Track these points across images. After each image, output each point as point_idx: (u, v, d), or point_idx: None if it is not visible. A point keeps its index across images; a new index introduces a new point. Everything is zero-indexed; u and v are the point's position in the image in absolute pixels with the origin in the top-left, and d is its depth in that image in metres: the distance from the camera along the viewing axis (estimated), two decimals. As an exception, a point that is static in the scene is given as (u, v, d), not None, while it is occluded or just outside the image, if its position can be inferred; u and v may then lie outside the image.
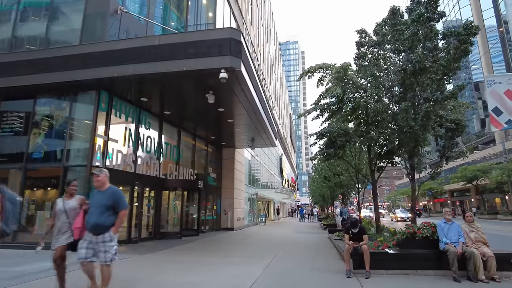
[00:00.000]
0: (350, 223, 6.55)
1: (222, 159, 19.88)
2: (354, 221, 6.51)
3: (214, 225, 18.29)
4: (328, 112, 11.70)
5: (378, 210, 10.87)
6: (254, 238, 14.82)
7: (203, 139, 17.52)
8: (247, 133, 16.46)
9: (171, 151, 14.41)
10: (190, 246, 11.16)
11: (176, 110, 13.17)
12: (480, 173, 37.16)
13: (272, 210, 40.91)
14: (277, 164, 47.23)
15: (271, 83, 43.56)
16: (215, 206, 18.59)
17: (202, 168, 17.61)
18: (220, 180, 19.49)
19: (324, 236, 15.56)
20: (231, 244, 12.08)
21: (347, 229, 6.67)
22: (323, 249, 10.63)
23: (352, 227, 6.53)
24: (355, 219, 6.58)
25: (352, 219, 6.54)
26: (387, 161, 11.19)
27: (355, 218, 6.74)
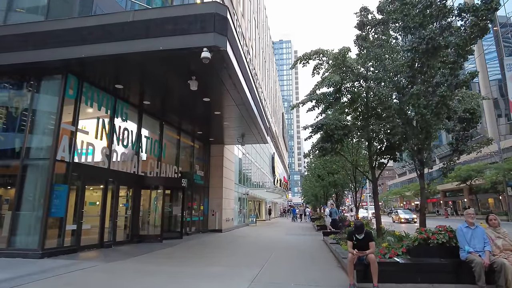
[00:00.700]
0: (354, 228, 5.45)
1: (210, 156, 18.67)
2: (359, 226, 5.41)
3: (201, 226, 17.07)
4: (324, 103, 10.67)
5: (379, 211, 9.85)
6: (242, 241, 13.67)
7: (189, 134, 16.29)
8: (237, 127, 15.30)
9: (152, 146, 13.16)
10: (169, 251, 9.95)
11: (157, 100, 11.94)
12: (475, 173, 36.67)
13: (264, 210, 39.81)
14: (269, 163, 46.14)
15: (264, 80, 42.45)
16: (202, 206, 17.38)
17: (187, 166, 16.38)
18: (208, 179, 18.27)
19: (318, 238, 14.50)
20: (216, 249, 10.91)
21: (350, 235, 5.57)
22: (318, 255, 9.54)
23: (356, 232, 5.43)
24: (361, 223, 5.48)
25: (357, 223, 5.44)
26: (389, 157, 10.17)
27: (360, 222, 5.63)
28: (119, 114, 11.26)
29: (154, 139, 13.36)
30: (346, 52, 9.73)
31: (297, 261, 8.35)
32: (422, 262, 5.55)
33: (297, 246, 11.85)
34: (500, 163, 31.40)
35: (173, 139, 15.14)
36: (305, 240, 13.85)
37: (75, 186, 9.30)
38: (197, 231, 16.62)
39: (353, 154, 12.19)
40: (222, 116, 13.31)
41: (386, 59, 7.93)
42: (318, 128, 9.79)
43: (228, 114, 13.17)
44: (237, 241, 13.66)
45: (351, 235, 5.52)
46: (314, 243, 12.77)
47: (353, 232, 5.49)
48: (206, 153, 18.38)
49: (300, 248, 11.09)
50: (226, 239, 14.44)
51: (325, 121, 9.61)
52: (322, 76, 10.71)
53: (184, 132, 15.75)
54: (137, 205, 12.02)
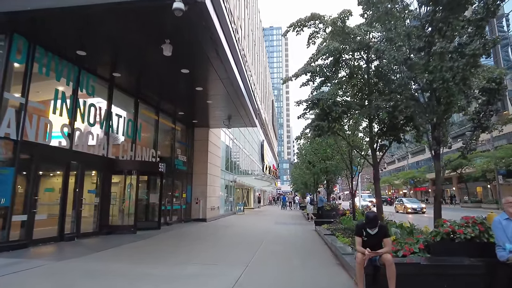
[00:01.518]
0: (366, 221, 4.20)
1: (193, 140, 17.23)
2: (372, 218, 4.15)
3: (183, 215, 15.77)
4: (320, 76, 9.35)
5: (380, 199, 8.71)
6: (227, 231, 12.46)
7: (169, 114, 14.78)
8: (223, 108, 13.88)
9: (125, 127, 11.66)
10: (141, 244, 8.63)
11: (129, 72, 10.40)
12: (466, 162, 36.27)
13: (252, 198, 38.76)
14: (259, 151, 44.93)
15: (253, 64, 40.77)
16: (185, 194, 16.04)
17: (167, 150, 14.93)
18: (191, 164, 16.88)
19: (309, 228, 13.41)
20: (195, 241, 9.65)
21: (359, 230, 4.32)
22: (312, 249, 8.39)
23: (368, 226, 4.19)
24: (374, 214, 4.21)
25: (370, 215, 4.17)
26: (392, 138, 8.98)
27: (373, 213, 4.35)
28: (84, 87, 9.71)
29: (128, 118, 11.85)
30: (347, 16, 8.38)
31: (289, 257, 7.15)
32: (449, 263, 4.38)
33: (288, 237, 10.70)
34: (492, 151, 30.95)
35: (151, 119, 13.63)
36: (296, 231, 12.74)
37: (25, 170, 7.81)
38: (179, 220, 15.33)
39: (351, 135, 11.01)
40: (205, 93, 11.87)
41: (398, 18, 6.59)
42: (314, 104, 8.48)
43: (211, 90, 11.74)
44: (221, 231, 12.44)
45: (361, 229, 4.29)
46: (306, 233, 11.65)
47: (364, 226, 4.25)
48: (189, 136, 16.93)
49: (291, 240, 9.94)
50: (209, 229, 13.20)
51: (322, 96, 8.30)
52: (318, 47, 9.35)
53: (163, 112, 14.24)
54: (107, 192, 10.59)
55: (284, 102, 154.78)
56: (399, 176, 58.80)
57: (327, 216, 18.27)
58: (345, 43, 8.56)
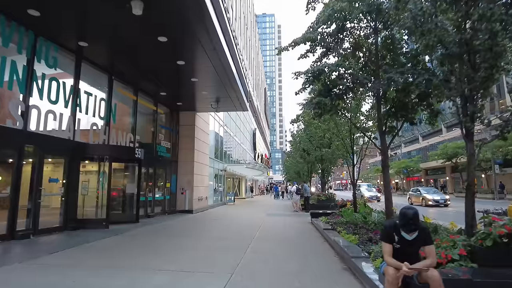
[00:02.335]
0: (402, 221, 2.89)
1: (179, 125, 15.79)
2: (411, 216, 2.80)
3: (167, 207, 14.44)
4: (321, 46, 8.00)
5: (389, 189, 7.51)
6: (214, 225, 11.20)
7: (150, 95, 13.26)
8: (210, 88, 12.45)
9: (97, 107, 10.16)
10: (109, 242, 7.30)
11: (97, 41, 8.84)
12: (462, 150, 35.60)
13: (244, 188, 37.61)
14: (250, 139, 43.62)
15: (245, 48, 39.05)
16: (169, 183, 14.67)
17: (148, 135, 13.48)
18: (176, 152, 15.47)
19: (304, 220, 12.25)
20: (175, 238, 8.36)
21: (389, 233, 3.04)
22: (311, 247, 7.18)
23: (405, 228, 2.89)
24: (414, 211, 2.88)
25: (409, 212, 2.80)
26: (403, 119, 7.75)
27: (413, 209, 2.97)
28: (42, 58, 8.17)
29: (100, 97, 10.34)
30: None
31: (284, 259, 5.91)
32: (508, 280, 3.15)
33: (282, 232, 9.49)
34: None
35: (128, 99, 12.12)
36: (290, 223, 11.55)
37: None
38: (163, 212, 14.00)
39: (354, 116, 9.74)
40: (188, 69, 10.42)
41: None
42: (315, 77, 7.13)
43: (196, 65, 10.30)
44: (207, 225, 11.17)
45: (391, 233, 3.00)
46: (302, 227, 10.47)
47: (395, 228, 2.97)
48: (173, 121, 15.47)
49: (286, 236, 8.71)
50: (194, 222, 11.93)
51: (325, 66, 6.96)
52: (318, 14, 7.95)
53: (143, 92, 12.72)
54: (75, 181, 9.17)
55: (276, 91, 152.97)
56: (392, 165, 58.21)
57: (322, 207, 17.23)
58: (352, 5, 7.21)
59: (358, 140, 11.22)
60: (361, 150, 10.44)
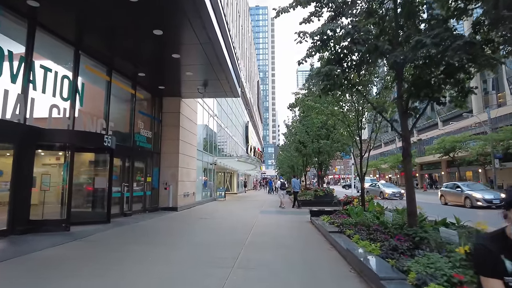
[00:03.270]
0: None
1: (162, 112, 14.13)
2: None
3: (148, 204, 12.85)
4: (329, 8, 6.47)
5: (412, 184, 6.05)
6: (197, 226, 9.65)
7: (127, 76, 11.56)
8: (196, 68, 10.84)
9: (58, 85, 8.46)
10: (58, 252, 5.71)
11: (53, 3, 7.15)
12: (460, 145, 34.66)
13: (236, 183, 36.09)
14: (243, 133, 42.05)
15: (237, 36, 37.28)
16: (150, 177, 13.06)
17: (124, 122, 11.81)
18: (159, 142, 13.84)
19: (302, 219, 10.80)
20: (146, 245, 6.78)
21: (492, 258, 1.49)
22: (318, 259, 5.70)
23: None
24: None
25: None
26: (429, 97, 6.28)
27: None
28: (-22, 19, 6.47)
29: (63, 74, 8.64)
30: None
31: (284, 278, 4.41)
32: None
33: (278, 235, 7.99)
34: (491, 133, 29.15)
35: (99, 80, 10.43)
36: (287, 223, 10.09)
37: None
38: (143, 209, 12.41)
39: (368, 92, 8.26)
40: (168, 42, 8.79)
41: None
42: (323, 42, 5.58)
43: (177, 37, 8.67)
44: (190, 226, 9.62)
45: (496, 258, 1.48)
46: (301, 228, 9.02)
47: (504, 245, 1.46)
48: (156, 107, 13.80)
49: (283, 242, 7.21)
50: (176, 222, 10.38)
51: (338, 26, 5.42)
52: None
53: (118, 73, 11.03)
54: (26, 174, 7.51)
55: (269, 85, 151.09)
56: (387, 160, 57.37)
57: (320, 203, 15.87)
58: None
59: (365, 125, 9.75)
60: (370, 138, 8.98)
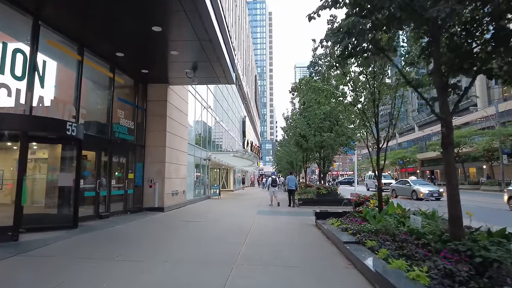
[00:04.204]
0: None
1: (146, 100, 12.56)
2: None
3: (131, 204, 11.34)
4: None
5: (455, 181, 4.61)
6: (183, 231, 8.14)
7: (103, 56, 9.96)
8: (183, 46, 9.28)
9: (7, 60, 6.87)
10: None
11: None
12: (465, 140, 33.32)
13: (232, 179, 34.57)
14: (240, 128, 40.49)
15: (234, 26, 35.59)
16: (132, 173, 11.52)
17: (99, 110, 10.26)
18: (143, 134, 12.29)
19: (305, 221, 9.33)
20: (105, 263, 5.23)
21: None
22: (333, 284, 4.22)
23: None
24: None
25: None
26: (475, 71, 4.78)
27: None
28: None
29: (15, 48, 7.05)
30: None
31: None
32: None
33: (279, 246, 6.48)
34: (500, 128, 27.81)
35: (67, 58, 8.84)
36: (289, 227, 8.60)
37: None
38: (124, 210, 10.90)
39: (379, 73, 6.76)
40: (147, 12, 7.22)
41: None
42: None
43: (157, 4, 7.10)
44: (173, 232, 8.09)
45: None
46: (307, 234, 7.53)
47: None
48: (139, 94, 12.23)
49: (287, 256, 5.70)
50: (158, 226, 8.87)
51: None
52: None
53: (92, 52, 9.44)
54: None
55: (267, 80, 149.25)
56: (388, 156, 56.05)
57: (323, 203, 14.42)
58: None
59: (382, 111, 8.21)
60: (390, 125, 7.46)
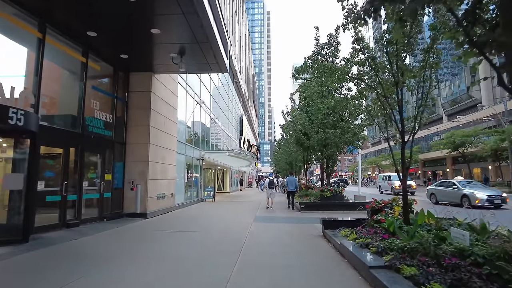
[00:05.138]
0: None
1: (128, 91, 11.06)
2: None
3: (107, 209, 9.83)
4: None
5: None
6: (162, 247, 6.62)
7: (72, 36, 8.44)
8: (165, 21, 7.80)
9: None
10: None
11: None
12: (471, 139, 31.97)
13: (229, 180, 33.05)
14: (237, 127, 38.99)
15: (230, 21, 34.14)
16: (109, 174, 10.01)
17: (68, 99, 8.74)
18: (123, 129, 10.79)
19: (310, 230, 7.87)
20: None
21: None
22: None
23: None
24: None
25: None
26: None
27: None
28: None
29: None
30: None
31: None
32: None
33: (281, 269, 4.99)
34: (510, 126, 26.45)
35: (24, 35, 7.32)
36: (292, 240, 7.11)
37: None
38: (99, 217, 9.39)
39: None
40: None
41: None
42: None
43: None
44: (147, 249, 6.55)
45: None
46: (314, 251, 6.03)
47: None
48: (119, 84, 10.72)
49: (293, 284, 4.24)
50: (133, 239, 7.34)
51: None
52: None
53: (56, 29, 7.92)
54: None
55: (265, 81, 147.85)
56: (388, 157, 54.61)
57: (327, 207, 12.97)
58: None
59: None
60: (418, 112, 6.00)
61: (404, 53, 6.16)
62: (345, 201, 13.74)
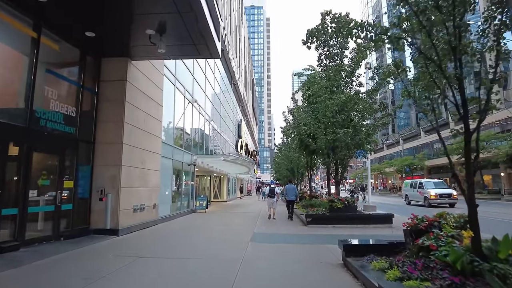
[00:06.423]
0: None
1: (99, 80, 9.13)
2: None
3: (67, 224, 7.82)
4: None
5: None
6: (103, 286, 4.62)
7: (17, 2, 6.55)
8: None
9: None
10: None
11: None
12: (483, 144, 30.07)
13: (226, 188, 30.95)
14: (235, 132, 37.05)
15: (228, 20, 32.47)
16: (70, 180, 8.01)
17: (12, 84, 6.78)
18: (92, 125, 8.83)
19: (322, 254, 5.88)
20: None
21: None
22: None
23: None
24: None
25: None
26: None
27: None
28: None
29: None
30: None
31: None
32: None
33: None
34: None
35: None
36: (305, 279, 5.10)
37: None
38: (54, 236, 7.37)
39: None
40: None
41: None
42: None
43: None
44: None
45: None
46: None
47: None
48: (87, 71, 8.77)
49: None
50: (75, 275, 5.32)
51: None
52: None
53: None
54: None
55: (265, 87, 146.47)
56: (393, 163, 52.58)
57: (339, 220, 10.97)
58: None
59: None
60: (489, 91, 4.11)
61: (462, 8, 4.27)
62: (359, 213, 11.74)
